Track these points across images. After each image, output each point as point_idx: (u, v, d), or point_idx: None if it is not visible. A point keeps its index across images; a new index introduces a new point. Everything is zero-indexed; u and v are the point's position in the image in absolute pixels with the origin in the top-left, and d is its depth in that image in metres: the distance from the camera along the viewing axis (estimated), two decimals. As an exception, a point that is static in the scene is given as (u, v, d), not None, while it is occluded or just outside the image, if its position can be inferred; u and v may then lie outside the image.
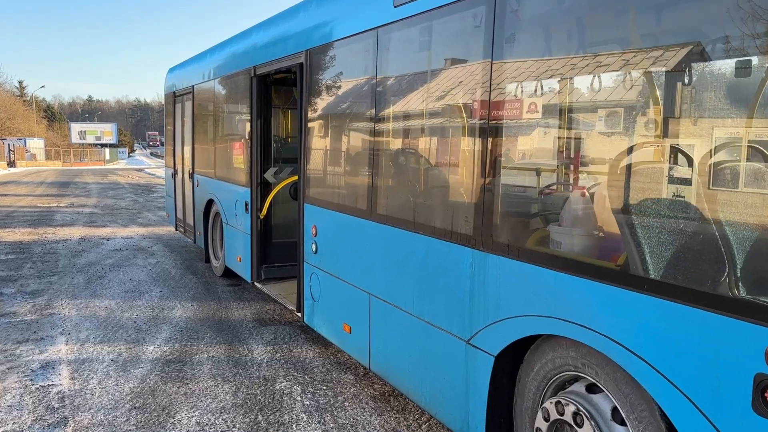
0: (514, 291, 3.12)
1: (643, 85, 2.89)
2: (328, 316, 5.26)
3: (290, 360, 5.50)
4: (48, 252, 10.55)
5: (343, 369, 5.31)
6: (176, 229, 11.29)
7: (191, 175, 9.78)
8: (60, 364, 5.32)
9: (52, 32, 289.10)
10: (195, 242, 9.87)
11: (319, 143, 5.56)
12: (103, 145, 74.71)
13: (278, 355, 5.62)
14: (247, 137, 7.37)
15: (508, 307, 3.15)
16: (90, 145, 74.52)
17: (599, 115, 3.13)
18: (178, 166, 10.89)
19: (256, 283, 7.13)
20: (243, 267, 7.50)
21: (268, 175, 7.09)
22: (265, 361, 5.45)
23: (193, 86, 9.58)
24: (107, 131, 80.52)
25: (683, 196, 2.67)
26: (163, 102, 12.28)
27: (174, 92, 10.92)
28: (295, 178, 7.10)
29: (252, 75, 6.87)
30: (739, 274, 2.25)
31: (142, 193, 23.56)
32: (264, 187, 7.07)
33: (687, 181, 2.72)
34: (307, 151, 5.58)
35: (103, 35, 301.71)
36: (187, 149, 10.14)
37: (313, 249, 5.46)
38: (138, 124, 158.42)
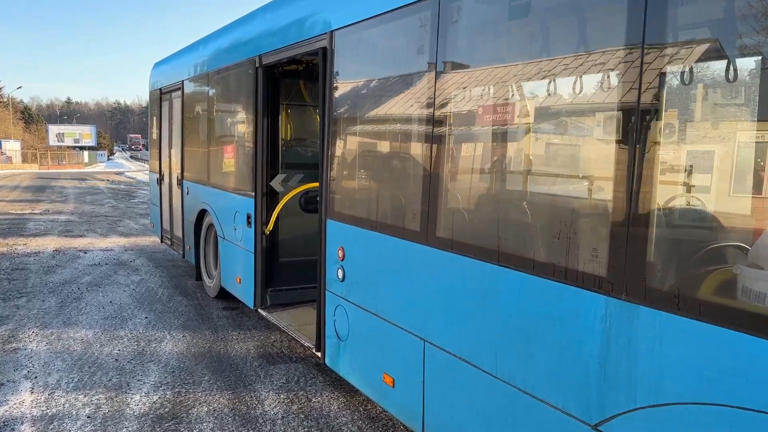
0: (689, 365, 2.10)
1: None
2: (362, 361, 4.22)
3: (310, 414, 4.44)
4: (17, 267, 9.37)
5: (380, 428, 4.27)
6: (162, 241, 10.17)
7: (180, 182, 8.68)
8: (22, 422, 4.22)
9: (30, 33, 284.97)
10: (184, 257, 8.76)
11: (348, 145, 4.52)
12: (82, 148, 72.62)
13: (294, 406, 4.56)
14: (249, 139, 6.32)
15: (676, 387, 2.14)
16: (68, 147, 72.42)
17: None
18: (165, 171, 9.77)
19: (260, 310, 6.06)
20: (244, 290, 6.43)
21: (275, 183, 6.04)
22: (279, 416, 4.40)
23: (182, 82, 8.49)
24: (86, 133, 78.32)
25: None
26: (143, 104, 11.14)
27: (160, 89, 9.81)
28: (307, 186, 6.09)
29: (257, 65, 5.82)
30: None
31: (123, 199, 22.30)
32: (270, 197, 6.03)
33: None
34: (332, 155, 4.53)
35: (83, 36, 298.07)
36: (175, 152, 9.04)
37: (339, 276, 4.42)
38: (117, 127, 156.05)
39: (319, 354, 4.83)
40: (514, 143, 3.11)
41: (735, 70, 2.17)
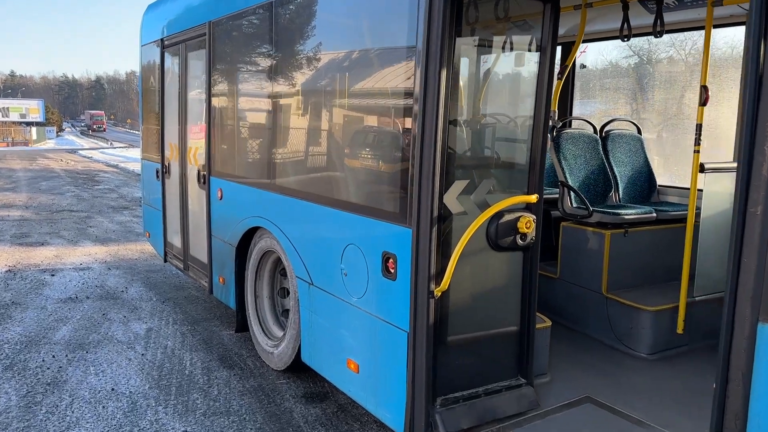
0: None
1: None
2: None
3: None
4: (-49, 307, 6.22)
5: None
6: (166, 260, 7.10)
7: (205, 179, 5.65)
8: None
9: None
10: (212, 293, 5.77)
11: None
12: (29, 124, 67.29)
13: None
14: (391, 114, 3.42)
15: None
16: (14, 123, 67.04)
17: None
18: (172, 161, 6.69)
19: (422, 441, 3.19)
20: (370, 390, 3.54)
21: (450, 199, 3.16)
22: None
23: (209, 24, 5.44)
24: (33, 108, 72.98)
25: None
26: (92, 78, 7.88)
27: (162, 40, 6.69)
28: (503, 204, 3.27)
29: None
30: None
31: (85, 185, 18.75)
32: (440, 224, 3.15)
33: None
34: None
35: (27, 5, 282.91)
36: (194, 132, 6.00)
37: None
38: (65, 102, 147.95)
39: None
40: None
41: None
